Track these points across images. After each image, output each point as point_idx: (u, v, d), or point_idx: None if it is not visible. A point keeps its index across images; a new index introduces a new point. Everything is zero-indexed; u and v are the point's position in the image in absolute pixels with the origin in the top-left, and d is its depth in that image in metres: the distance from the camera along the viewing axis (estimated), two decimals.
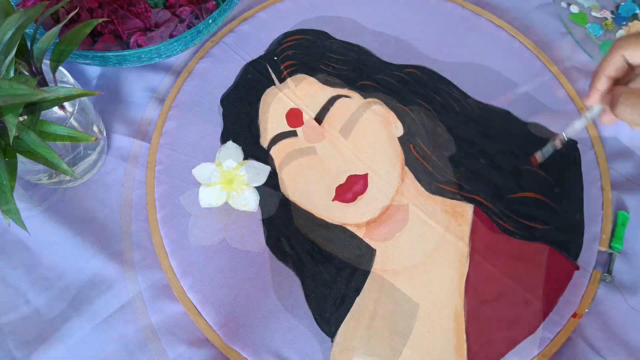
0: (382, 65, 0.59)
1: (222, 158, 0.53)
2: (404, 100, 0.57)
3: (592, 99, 0.41)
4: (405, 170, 0.53)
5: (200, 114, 0.56)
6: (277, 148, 0.54)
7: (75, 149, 0.48)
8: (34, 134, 0.38)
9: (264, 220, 0.51)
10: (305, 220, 0.51)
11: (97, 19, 0.46)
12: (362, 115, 0.55)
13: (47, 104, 0.40)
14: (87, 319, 0.47)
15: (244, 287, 0.48)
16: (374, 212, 0.51)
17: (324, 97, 0.56)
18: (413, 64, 0.59)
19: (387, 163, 0.53)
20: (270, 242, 0.50)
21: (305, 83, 0.57)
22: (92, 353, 0.46)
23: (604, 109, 0.41)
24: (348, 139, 0.54)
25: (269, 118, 0.55)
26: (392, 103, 0.56)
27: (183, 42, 0.54)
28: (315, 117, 0.55)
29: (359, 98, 0.57)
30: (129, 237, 0.50)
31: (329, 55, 0.59)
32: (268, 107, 0.56)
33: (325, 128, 0.55)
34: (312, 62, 0.58)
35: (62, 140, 0.40)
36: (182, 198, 0.51)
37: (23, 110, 0.38)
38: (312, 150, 0.54)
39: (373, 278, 0.49)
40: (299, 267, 0.49)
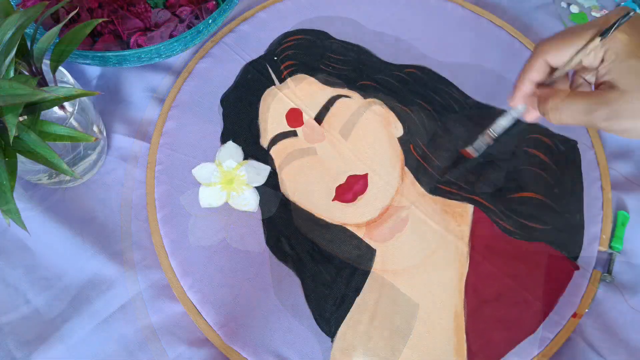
0: (382, 65, 0.59)
1: (222, 158, 0.53)
2: (404, 101, 0.57)
3: (515, 101, 0.43)
4: (405, 171, 0.53)
5: (200, 114, 0.56)
6: (277, 148, 0.54)
7: (75, 149, 0.48)
8: (34, 134, 0.38)
9: (264, 220, 0.51)
10: (305, 220, 0.51)
11: (97, 19, 0.46)
12: (362, 116, 0.55)
13: (47, 104, 0.40)
14: (87, 319, 0.47)
15: (244, 287, 0.48)
16: (374, 212, 0.51)
17: (324, 97, 0.56)
18: (413, 64, 0.59)
19: (387, 163, 0.53)
20: (270, 242, 0.50)
21: (305, 83, 0.57)
22: (92, 353, 0.46)
23: (527, 108, 0.43)
24: (348, 139, 0.54)
25: (269, 118, 0.55)
26: (392, 103, 0.56)
27: (183, 42, 0.54)
28: (315, 117, 0.55)
29: (359, 98, 0.57)
30: (129, 237, 0.50)
31: (329, 55, 0.59)
32: (268, 107, 0.56)
33: (325, 128, 0.55)
34: (312, 62, 0.58)
35: (62, 140, 0.40)
36: (182, 198, 0.51)
37: (23, 110, 0.38)
38: (312, 151, 0.54)
39: (373, 278, 0.49)
40: (299, 267, 0.49)
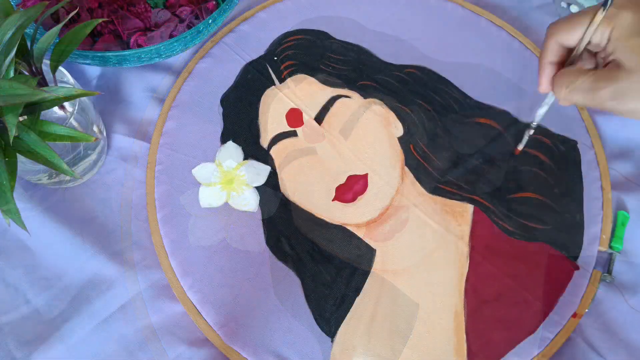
0: (382, 66, 0.59)
1: (222, 158, 0.53)
2: (404, 101, 0.57)
3: (542, 87, 0.42)
4: (405, 171, 0.53)
5: (200, 114, 0.56)
6: (277, 148, 0.54)
7: (75, 149, 0.48)
8: (34, 134, 0.38)
9: (264, 220, 0.51)
10: (305, 220, 0.51)
11: (97, 19, 0.46)
12: (362, 116, 0.55)
13: (47, 104, 0.40)
14: (87, 319, 0.47)
15: (244, 287, 0.48)
16: (374, 212, 0.51)
17: (324, 97, 0.56)
18: (413, 64, 0.59)
19: (387, 163, 0.53)
20: (270, 242, 0.50)
21: (306, 83, 0.57)
22: (92, 353, 0.46)
23: None
24: (348, 139, 0.54)
25: (269, 118, 0.55)
26: (392, 103, 0.56)
27: (183, 42, 0.54)
28: (315, 117, 0.55)
29: (359, 98, 0.57)
30: (129, 237, 0.50)
31: (329, 56, 0.59)
32: (268, 107, 0.56)
33: (325, 128, 0.55)
34: (312, 62, 0.58)
35: (62, 140, 0.40)
36: (182, 198, 0.51)
37: (23, 110, 0.38)
38: (312, 151, 0.54)
39: (373, 278, 0.49)
40: (299, 267, 0.49)
